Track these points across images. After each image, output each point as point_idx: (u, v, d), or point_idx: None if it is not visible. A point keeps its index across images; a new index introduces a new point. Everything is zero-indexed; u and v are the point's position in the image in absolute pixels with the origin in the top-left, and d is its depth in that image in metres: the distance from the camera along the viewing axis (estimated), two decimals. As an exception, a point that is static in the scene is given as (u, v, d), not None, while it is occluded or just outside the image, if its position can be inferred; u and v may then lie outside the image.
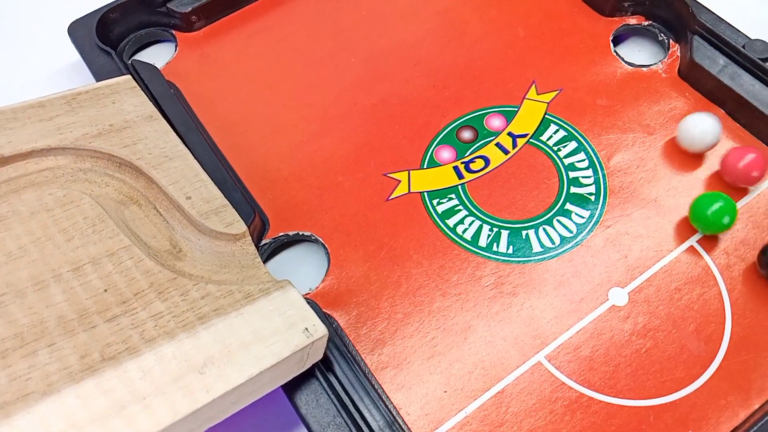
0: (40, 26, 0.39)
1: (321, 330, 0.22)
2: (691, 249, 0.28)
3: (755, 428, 0.23)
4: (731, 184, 0.29)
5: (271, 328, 0.22)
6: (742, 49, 0.30)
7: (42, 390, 0.19)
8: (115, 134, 0.27)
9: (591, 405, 0.25)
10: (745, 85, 0.30)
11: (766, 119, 0.30)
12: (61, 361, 0.20)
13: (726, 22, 0.31)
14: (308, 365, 0.23)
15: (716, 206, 0.26)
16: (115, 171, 0.26)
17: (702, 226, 0.27)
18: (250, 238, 0.26)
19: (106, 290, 0.22)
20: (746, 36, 0.31)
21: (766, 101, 0.30)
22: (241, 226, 0.25)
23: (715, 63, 0.31)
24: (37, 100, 0.27)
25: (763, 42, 0.30)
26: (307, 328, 0.22)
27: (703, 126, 0.28)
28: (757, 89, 0.30)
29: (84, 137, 0.26)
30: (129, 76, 0.30)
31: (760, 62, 0.30)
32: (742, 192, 0.29)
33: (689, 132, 0.29)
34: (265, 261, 0.29)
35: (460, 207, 0.29)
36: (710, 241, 0.28)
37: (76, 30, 0.34)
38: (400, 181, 0.30)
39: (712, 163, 0.30)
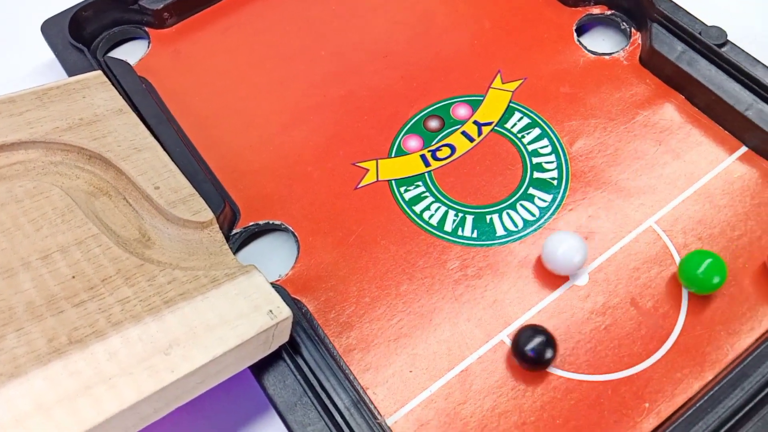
0: (13, 25, 0.39)
1: (285, 312, 0.23)
2: (650, 229, 0.29)
3: (707, 397, 0.24)
4: None
5: (236, 311, 0.23)
6: (698, 36, 0.31)
7: (9, 372, 0.20)
8: (85, 128, 0.27)
9: (551, 381, 0.25)
10: (702, 70, 0.31)
11: (723, 103, 0.30)
12: (29, 344, 0.20)
13: (684, 9, 0.32)
14: (275, 347, 0.24)
15: (705, 265, 0.26)
16: (85, 163, 0.27)
17: (693, 286, 0.26)
18: (217, 225, 0.26)
19: (74, 277, 0.22)
20: (703, 23, 0.32)
21: (722, 86, 0.31)
22: (207, 214, 0.26)
23: (673, 49, 0.32)
24: (7, 95, 0.27)
25: (719, 28, 0.31)
26: (271, 310, 0.23)
27: (566, 246, 0.26)
28: (713, 74, 0.31)
29: (54, 131, 0.27)
30: (99, 72, 0.30)
31: (716, 48, 0.31)
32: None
33: (553, 254, 0.27)
34: (236, 250, 0.29)
35: (427, 194, 0.30)
36: (668, 221, 0.29)
37: (49, 28, 0.34)
38: (368, 170, 0.31)
39: (671, 147, 0.31)
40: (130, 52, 0.37)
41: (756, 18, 0.36)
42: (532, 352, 0.24)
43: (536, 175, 0.30)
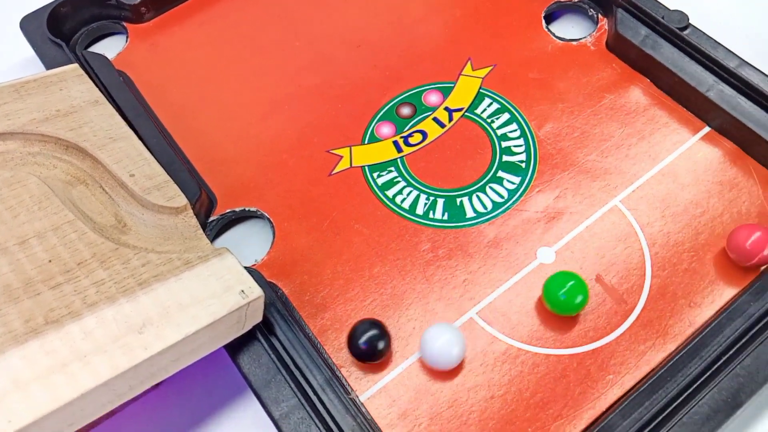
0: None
1: (257, 291, 0.24)
2: (615, 208, 0.29)
3: (667, 366, 0.24)
4: (737, 263, 0.27)
5: (208, 292, 0.23)
6: (661, 20, 0.32)
7: (-13, 352, 0.20)
8: (61, 119, 0.28)
9: (519, 356, 0.26)
10: (665, 53, 0.32)
11: (685, 85, 0.31)
12: (6, 325, 0.21)
13: (648, -6, 0.33)
14: (248, 327, 0.25)
15: (568, 287, 0.26)
16: (62, 153, 0.27)
17: (557, 309, 0.26)
18: (191, 211, 0.27)
19: (50, 261, 0.23)
20: (666, 7, 0.32)
21: (684, 68, 0.31)
22: (182, 200, 0.27)
23: (638, 34, 0.33)
24: (-15, 89, 0.28)
25: (681, 12, 0.32)
26: (243, 290, 0.24)
27: (444, 339, 0.25)
28: (676, 57, 0.32)
29: (31, 122, 0.27)
30: (76, 65, 0.31)
31: (678, 31, 0.31)
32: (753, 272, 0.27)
33: (431, 348, 0.25)
34: (213, 237, 0.30)
35: (399, 179, 0.31)
36: (633, 200, 0.29)
37: (28, 24, 0.35)
38: (342, 157, 0.32)
39: (637, 128, 0.31)
40: (110, 47, 0.37)
41: (717, 1, 0.37)
42: (365, 345, 0.25)
43: (505, 158, 0.31)
